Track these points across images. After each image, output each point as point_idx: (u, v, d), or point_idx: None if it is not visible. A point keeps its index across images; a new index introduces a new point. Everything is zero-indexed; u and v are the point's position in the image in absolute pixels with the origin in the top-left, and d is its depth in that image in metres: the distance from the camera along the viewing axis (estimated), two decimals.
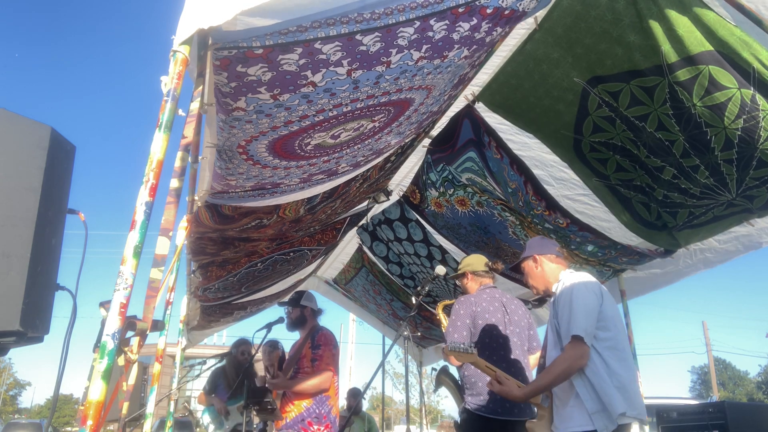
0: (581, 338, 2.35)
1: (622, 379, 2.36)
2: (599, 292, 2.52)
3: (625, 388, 2.34)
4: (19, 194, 1.51)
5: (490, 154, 3.84)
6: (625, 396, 2.32)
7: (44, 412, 42.77)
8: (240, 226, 3.74)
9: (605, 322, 2.45)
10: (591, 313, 2.42)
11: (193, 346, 8.45)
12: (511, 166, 3.78)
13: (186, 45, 1.62)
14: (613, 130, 3.16)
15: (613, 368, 2.38)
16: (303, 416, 3.75)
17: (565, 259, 2.83)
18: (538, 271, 2.78)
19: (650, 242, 3.95)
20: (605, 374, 2.35)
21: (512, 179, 3.89)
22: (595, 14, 2.61)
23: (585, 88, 2.99)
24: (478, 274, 3.81)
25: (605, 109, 3.05)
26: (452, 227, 4.94)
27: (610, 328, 2.45)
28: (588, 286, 2.52)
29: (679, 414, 4.62)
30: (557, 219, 4.00)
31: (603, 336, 2.43)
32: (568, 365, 2.37)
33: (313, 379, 3.75)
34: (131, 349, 1.53)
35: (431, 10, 1.98)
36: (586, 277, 2.62)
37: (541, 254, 2.79)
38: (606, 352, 2.40)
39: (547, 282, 2.74)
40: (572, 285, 2.55)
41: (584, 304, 2.43)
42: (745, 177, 2.88)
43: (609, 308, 2.50)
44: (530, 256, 2.83)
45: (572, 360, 2.36)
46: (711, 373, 33.70)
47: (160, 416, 9.49)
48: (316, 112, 2.39)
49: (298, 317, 4.07)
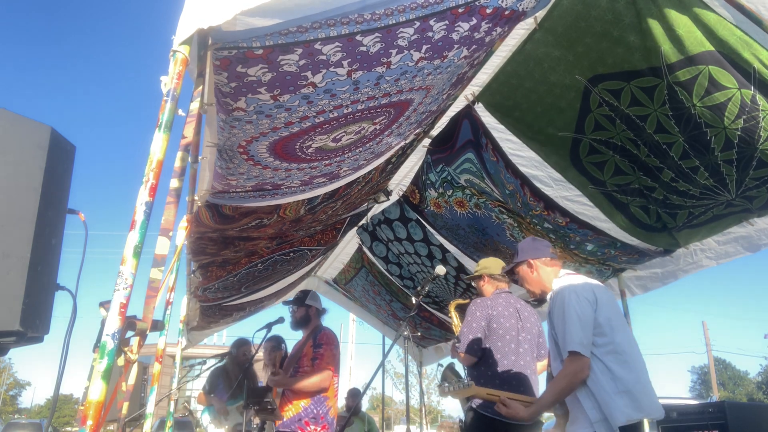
0: (578, 353, 2.34)
1: (627, 382, 2.33)
2: (592, 297, 2.48)
3: (631, 391, 2.32)
4: (19, 194, 1.51)
5: (487, 156, 3.85)
6: (632, 399, 2.30)
7: (44, 412, 42.75)
8: (240, 226, 3.74)
9: (600, 328, 2.42)
10: (585, 323, 2.40)
11: (193, 346, 8.45)
12: (506, 169, 3.78)
13: (186, 45, 1.62)
14: (614, 129, 3.16)
15: (616, 373, 2.35)
16: (300, 416, 3.75)
17: (559, 260, 2.81)
18: (534, 276, 2.76)
19: (649, 243, 3.95)
20: (606, 382, 2.33)
21: (509, 181, 3.90)
22: (595, 14, 2.61)
23: (587, 86, 2.99)
24: (495, 277, 3.83)
25: (605, 108, 3.05)
26: (451, 228, 4.94)
27: (606, 332, 2.42)
28: (579, 294, 2.48)
29: (679, 414, 4.62)
30: (557, 218, 4.00)
31: (600, 342, 2.40)
32: (568, 381, 2.37)
33: (312, 378, 3.74)
34: (131, 349, 1.53)
35: (431, 10, 1.98)
36: (576, 283, 2.58)
37: (536, 258, 2.77)
38: (606, 358, 2.38)
39: (543, 285, 2.73)
40: (563, 295, 2.51)
41: (577, 315, 2.41)
42: (744, 177, 2.88)
43: (604, 312, 2.46)
44: (524, 261, 2.80)
45: (572, 376, 2.35)
46: (711, 373, 33.69)
47: (160, 416, 9.48)
48: (317, 113, 2.39)
49: (302, 316, 4.07)
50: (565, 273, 2.74)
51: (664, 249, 4.03)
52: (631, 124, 3.03)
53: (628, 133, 3.11)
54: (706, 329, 32.71)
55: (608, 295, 2.62)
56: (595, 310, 2.45)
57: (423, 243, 5.43)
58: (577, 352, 2.34)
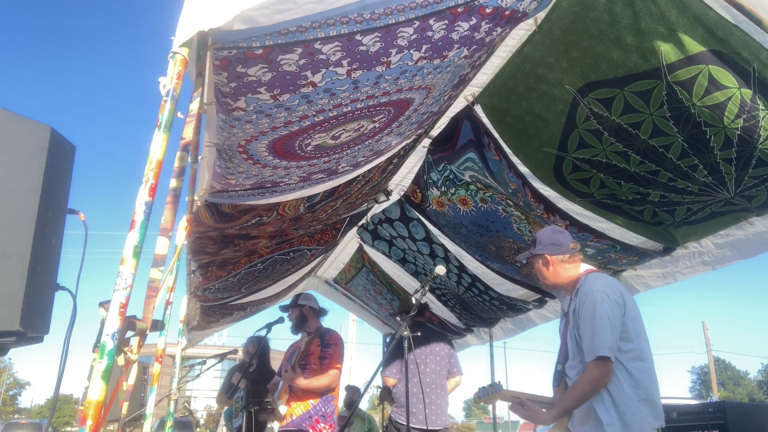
0: (608, 357, 2.28)
1: (649, 390, 2.31)
2: (622, 300, 2.42)
3: (652, 399, 2.30)
4: (19, 194, 1.51)
5: (489, 156, 3.84)
6: (652, 407, 2.29)
7: (44, 412, 42.80)
8: (240, 224, 3.74)
9: (627, 333, 2.37)
10: (615, 327, 2.34)
11: (193, 346, 8.46)
12: (509, 168, 3.78)
13: (185, 46, 1.62)
14: (599, 145, 3.12)
15: (639, 380, 2.31)
16: (311, 413, 3.82)
17: (578, 255, 2.71)
18: (549, 270, 2.67)
19: (648, 238, 3.95)
20: (630, 388, 2.29)
21: (512, 180, 3.89)
22: (592, 16, 2.59)
23: (575, 97, 2.96)
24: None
25: (593, 121, 3.01)
26: (454, 226, 4.93)
27: (632, 338, 2.37)
28: (611, 296, 2.41)
29: (679, 414, 4.62)
30: (557, 222, 3.99)
31: (626, 348, 2.35)
32: (593, 386, 2.31)
33: (324, 378, 3.83)
34: (131, 349, 1.53)
35: (430, 9, 1.98)
36: (607, 283, 2.50)
37: (554, 254, 2.67)
38: (631, 364, 2.33)
39: (559, 278, 2.65)
40: (594, 296, 2.42)
41: (608, 319, 2.34)
42: (744, 176, 2.87)
43: (631, 316, 2.41)
44: (541, 255, 2.70)
45: (597, 380, 2.30)
46: (711, 373, 33.70)
47: (160, 416, 9.49)
48: (316, 113, 2.39)
49: (298, 316, 4.14)
50: (586, 269, 2.66)
51: (664, 247, 4.03)
52: (621, 134, 2.99)
53: (616, 146, 3.07)
54: (706, 329, 32.72)
55: (633, 299, 2.55)
56: (623, 314, 2.39)
57: (425, 242, 5.43)
58: (607, 357, 2.28)
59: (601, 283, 2.49)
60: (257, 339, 4.90)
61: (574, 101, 2.98)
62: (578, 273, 2.65)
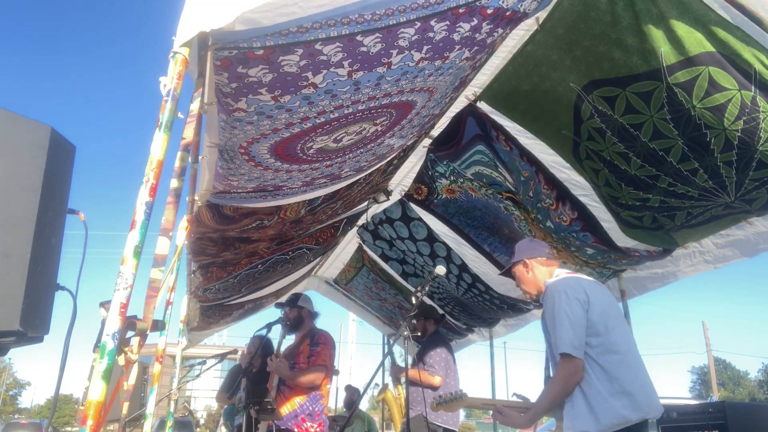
0: (570, 354, 2.30)
1: (624, 383, 2.29)
2: (583, 297, 2.43)
3: (629, 391, 2.28)
4: (19, 194, 1.50)
5: (499, 147, 3.82)
6: (630, 399, 2.27)
7: (44, 412, 42.79)
8: (241, 227, 3.74)
9: (595, 327, 2.37)
10: (576, 324, 2.35)
11: (193, 346, 8.45)
12: (521, 157, 3.76)
13: (186, 46, 1.62)
14: (603, 143, 3.13)
15: (612, 373, 2.30)
16: (296, 412, 3.82)
17: (556, 260, 2.77)
18: (529, 275, 2.73)
19: (647, 243, 3.94)
20: (602, 383, 2.30)
21: (524, 168, 3.87)
22: (594, 15, 2.60)
23: (579, 94, 2.96)
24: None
25: (597, 119, 3.01)
26: (466, 211, 4.83)
27: (600, 332, 2.37)
28: (569, 294, 2.43)
29: (679, 414, 4.62)
30: (562, 215, 3.97)
31: (595, 342, 2.36)
32: (562, 385, 2.35)
33: (309, 373, 3.84)
34: (131, 349, 1.53)
35: (432, 10, 1.98)
36: (567, 282, 2.53)
37: (531, 257, 2.74)
38: (602, 358, 2.33)
39: (539, 286, 2.70)
40: (552, 296, 2.47)
41: (567, 316, 2.36)
42: (744, 179, 2.87)
43: (597, 310, 2.41)
44: (520, 261, 2.77)
45: (565, 379, 2.33)
46: (711, 373, 33.69)
47: (160, 416, 9.49)
48: (317, 114, 2.39)
49: (295, 318, 4.13)
50: (565, 273, 2.71)
51: (663, 249, 4.02)
52: (623, 134, 2.99)
53: (618, 146, 3.06)
54: (706, 329, 32.73)
55: (603, 293, 2.56)
56: (587, 310, 2.40)
57: (425, 242, 5.42)
58: (568, 354, 2.30)
59: (561, 284, 2.53)
60: (258, 339, 4.89)
61: (578, 99, 2.99)
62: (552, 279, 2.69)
